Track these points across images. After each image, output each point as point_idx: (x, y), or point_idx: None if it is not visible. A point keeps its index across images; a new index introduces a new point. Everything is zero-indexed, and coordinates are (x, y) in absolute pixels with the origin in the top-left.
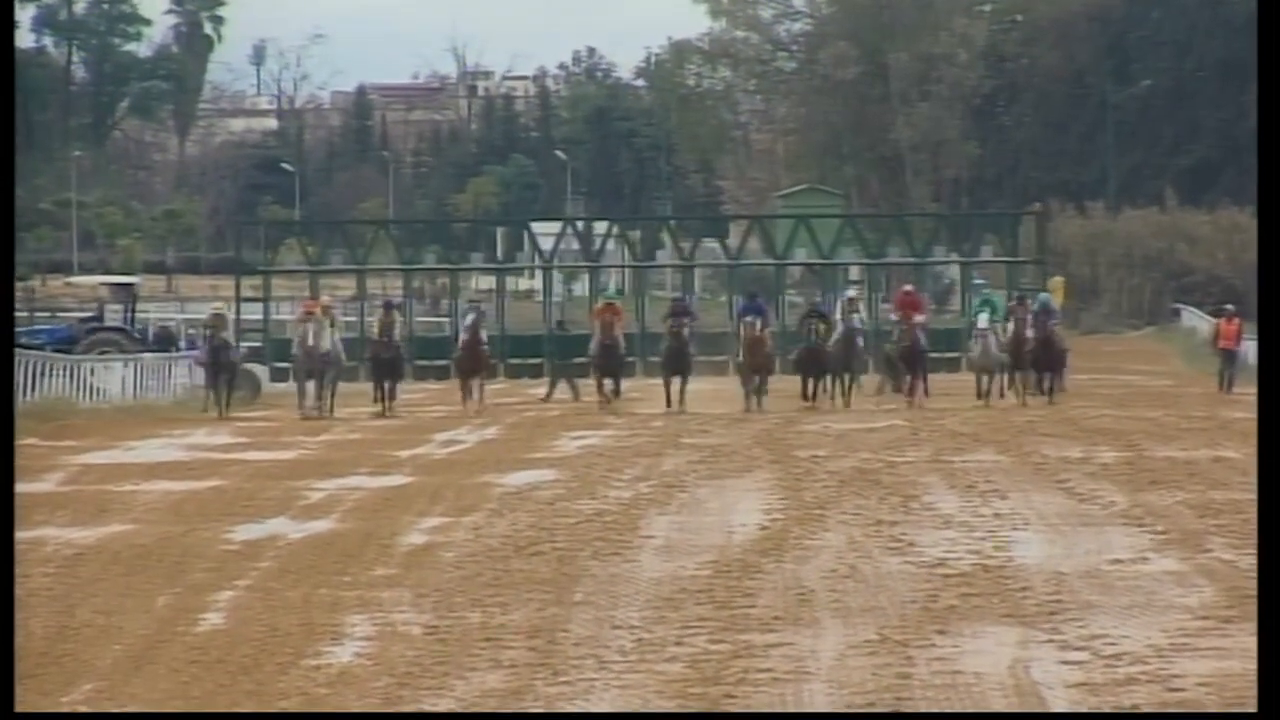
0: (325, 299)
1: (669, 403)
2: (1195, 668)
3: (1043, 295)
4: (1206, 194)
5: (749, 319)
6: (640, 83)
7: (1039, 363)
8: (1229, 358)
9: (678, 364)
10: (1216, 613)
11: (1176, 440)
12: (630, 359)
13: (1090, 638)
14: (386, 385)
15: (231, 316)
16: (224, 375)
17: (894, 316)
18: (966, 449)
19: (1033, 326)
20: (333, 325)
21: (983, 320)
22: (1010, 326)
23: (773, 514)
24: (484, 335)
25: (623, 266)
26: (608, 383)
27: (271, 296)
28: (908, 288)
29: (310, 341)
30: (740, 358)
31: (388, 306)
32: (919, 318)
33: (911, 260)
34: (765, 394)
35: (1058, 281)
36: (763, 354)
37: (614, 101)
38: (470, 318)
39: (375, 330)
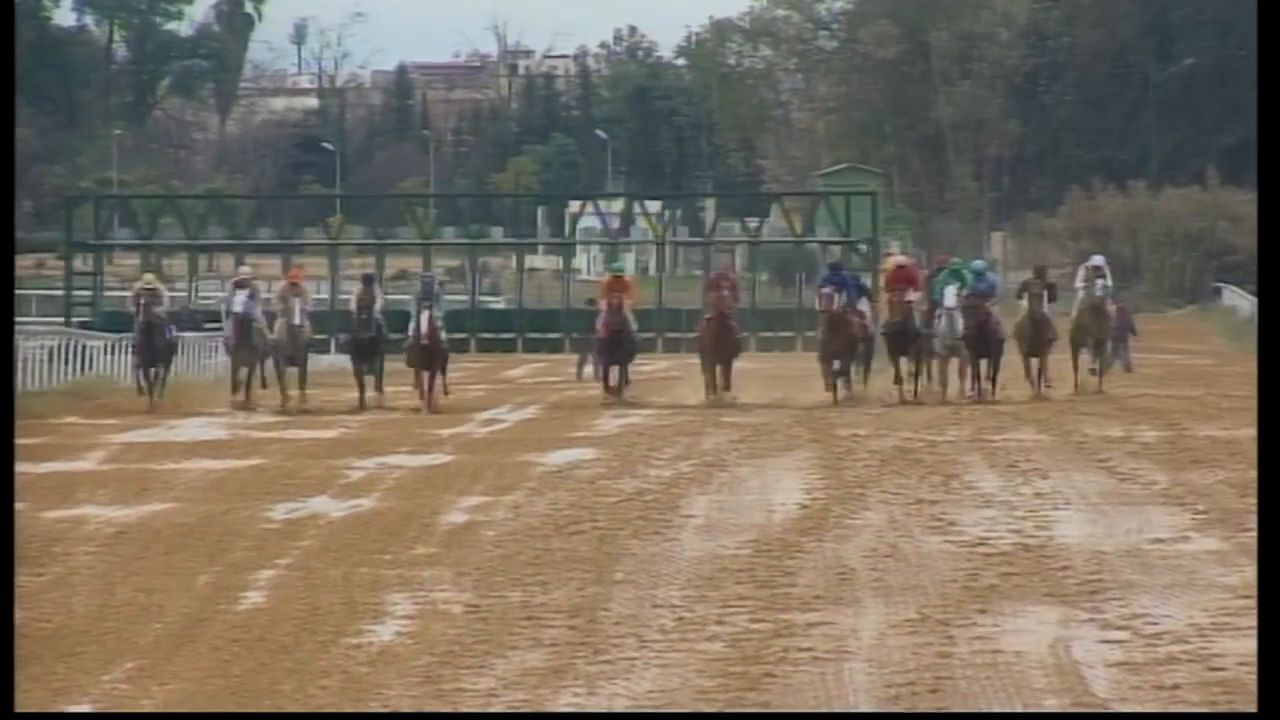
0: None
1: (711, 388)
2: (1236, 647)
3: (977, 263)
4: (1249, 173)
5: (826, 290)
6: (681, 62)
7: (973, 347)
8: None
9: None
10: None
11: (1218, 419)
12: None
13: (1131, 617)
14: (366, 369)
15: (165, 291)
16: (159, 359)
17: (885, 293)
18: (1007, 428)
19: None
20: (254, 297)
21: (949, 296)
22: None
23: (813, 493)
24: (440, 322)
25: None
26: (614, 371)
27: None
28: (901, 260)
29: (297, 319)
30: (819, 336)
31: (367, 280)
32: (913, 294)
33: (747, 240)
34: (848, 381)
35: (893, 263)
36: (845, 334)
37: (655, 80)
38: (426, 306)
39: (353, 308)
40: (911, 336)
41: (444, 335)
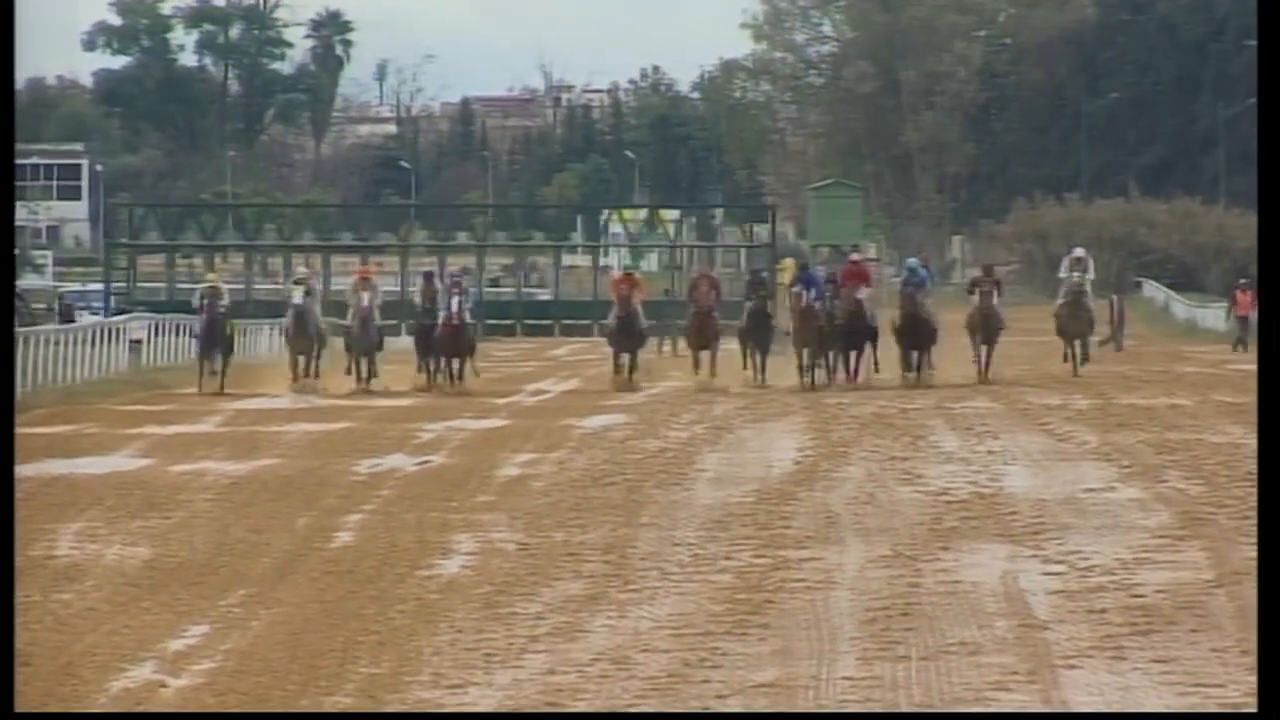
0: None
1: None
2: (1154, 577)
3: (910, 261)
4: (1163, 187)
5: (796, 288)
6: (696, 95)
7: (905, 338)
8: (1243, 324)
9: (759, 337)
10: (1171, 533)
11: (1139, 390)
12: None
13: (1067, 553)
14: (427, 349)
15: (226, 289)
16: (218, 349)
17: (844, 287)
18: (965, 398)
19: (904, 299)
20: (310, 294)
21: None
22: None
23: (805, 451)
24: (468, 315)
25: (667, 246)
26: (624, 358)
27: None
28: (854, 257)
29: (365, 304)
30: (792, 329)
31: (428, 277)
32: (865, 290)
33: (666, 244)
34: (819, 369)
35: (788, 263)
36: (813, 326)
37: (674, 111)
38: (455, 298)
39: (416, 300)
40: (863, 329)
41: (470, 325)
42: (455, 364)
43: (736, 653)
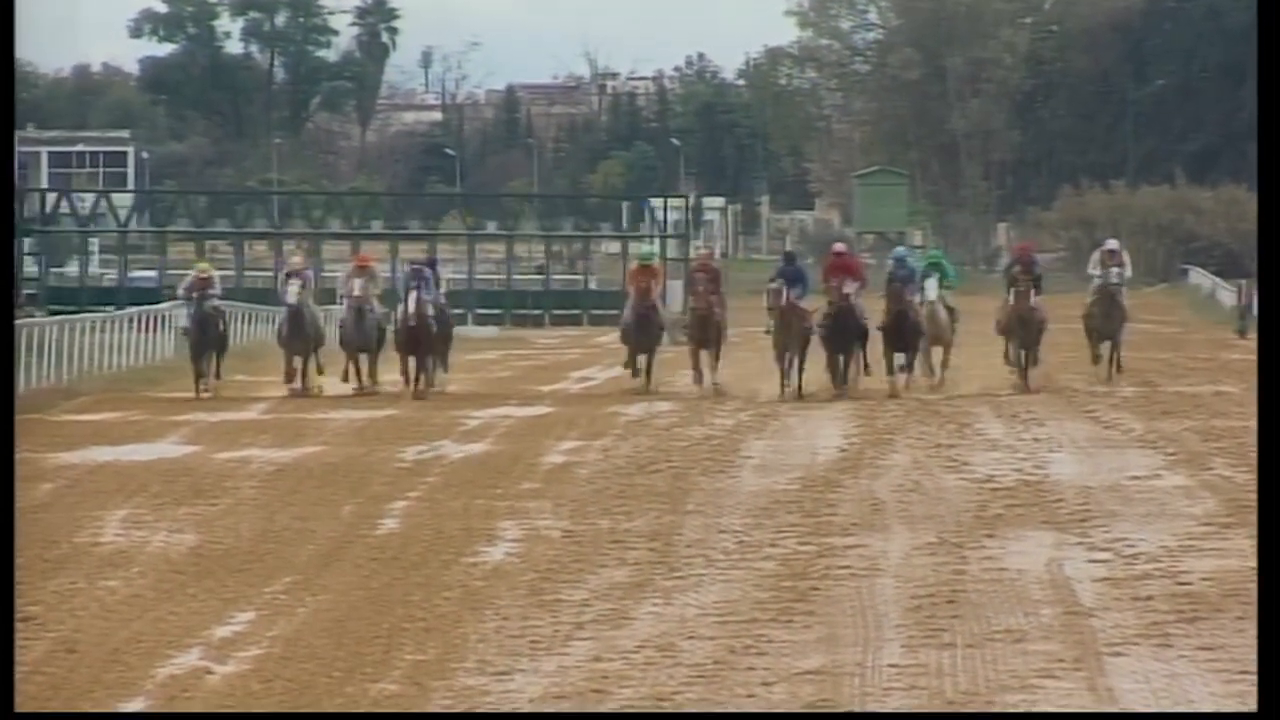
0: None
1: (698, 375)
2: (1200, 565)
3: (898, 250)
4: (1209, 174)
5: (775, 284)
6: (741, 82)
7: (891, 337)
8: None
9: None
10: (1217, 520)
11: (1184, 378)
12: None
13: (1113, 540)
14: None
15: (217, 279)
16: (212, 347)
17: (830, 283)
18: (1010, 385)
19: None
20: (305, 288)
21: (930, 288)
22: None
23: (850, 438)
24: (430, 309)
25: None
26: (641, 358)
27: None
28: (839, 248)
29: (356, 292)
30: (771, 331)
31: (432, 266)
32: (851, 284)
33: (584, 234)
34: (802, 374)
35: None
36: (799, 327)
37: (719, 98)
38: (413, 291)
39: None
40: (852, 329)
41: (432, 320)
42: (412, 364)
43: (782, 640)
